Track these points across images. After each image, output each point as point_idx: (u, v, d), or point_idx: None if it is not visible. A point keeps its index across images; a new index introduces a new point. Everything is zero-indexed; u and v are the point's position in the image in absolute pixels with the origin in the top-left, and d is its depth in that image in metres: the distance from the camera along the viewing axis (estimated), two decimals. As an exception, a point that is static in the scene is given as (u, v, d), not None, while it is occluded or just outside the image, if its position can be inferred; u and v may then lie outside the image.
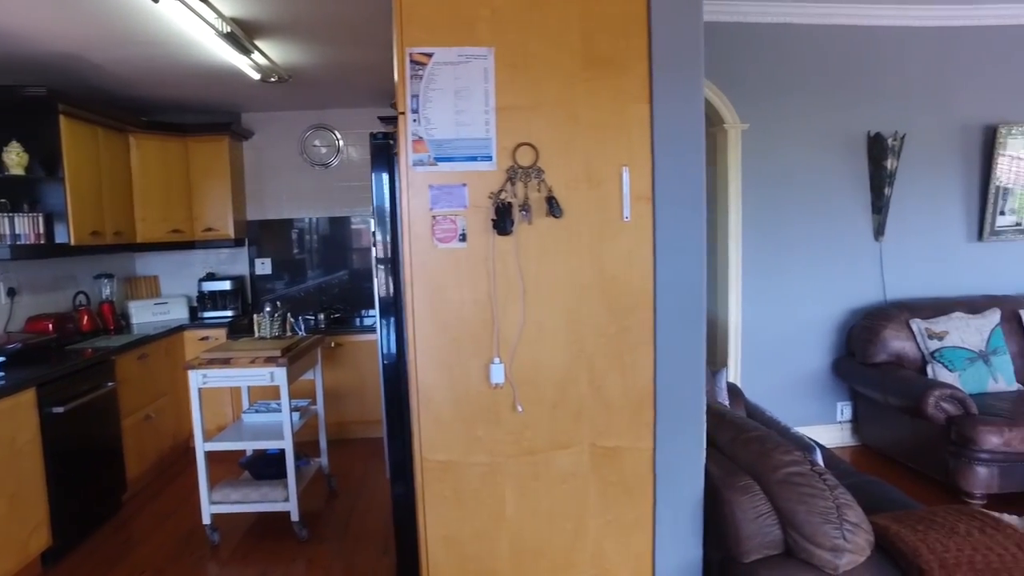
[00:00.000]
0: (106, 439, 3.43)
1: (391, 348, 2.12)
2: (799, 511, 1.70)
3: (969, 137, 4.03)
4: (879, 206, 3.96)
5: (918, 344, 3.71)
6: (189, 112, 4.74)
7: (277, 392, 3.12)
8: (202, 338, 4.45)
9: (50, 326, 3.58)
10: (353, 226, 5.07)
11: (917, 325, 3.72)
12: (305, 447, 3.89)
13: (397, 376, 2.10)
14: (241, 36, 3.07)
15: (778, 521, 1.75)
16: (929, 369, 3.63)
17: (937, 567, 1.63)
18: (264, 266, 5.03)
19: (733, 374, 3.92)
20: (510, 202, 1.74)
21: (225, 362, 3.08)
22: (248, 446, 3.31)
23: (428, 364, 1.81)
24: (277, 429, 3.21)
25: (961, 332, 3.65)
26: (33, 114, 3.45)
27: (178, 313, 4.72)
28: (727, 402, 2.92)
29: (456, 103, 1.71)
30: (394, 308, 2.09)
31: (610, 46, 1.75)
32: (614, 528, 1.89)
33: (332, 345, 4.51)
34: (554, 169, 1.76)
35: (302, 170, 4.98)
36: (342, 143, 4.97)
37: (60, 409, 2.97)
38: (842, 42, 3.87)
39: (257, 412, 3.55)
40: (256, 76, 3.69)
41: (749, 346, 3.95)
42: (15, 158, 3.34)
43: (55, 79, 3.70)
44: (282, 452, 3.19)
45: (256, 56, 3.39)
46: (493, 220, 1.74)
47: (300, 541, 3.12)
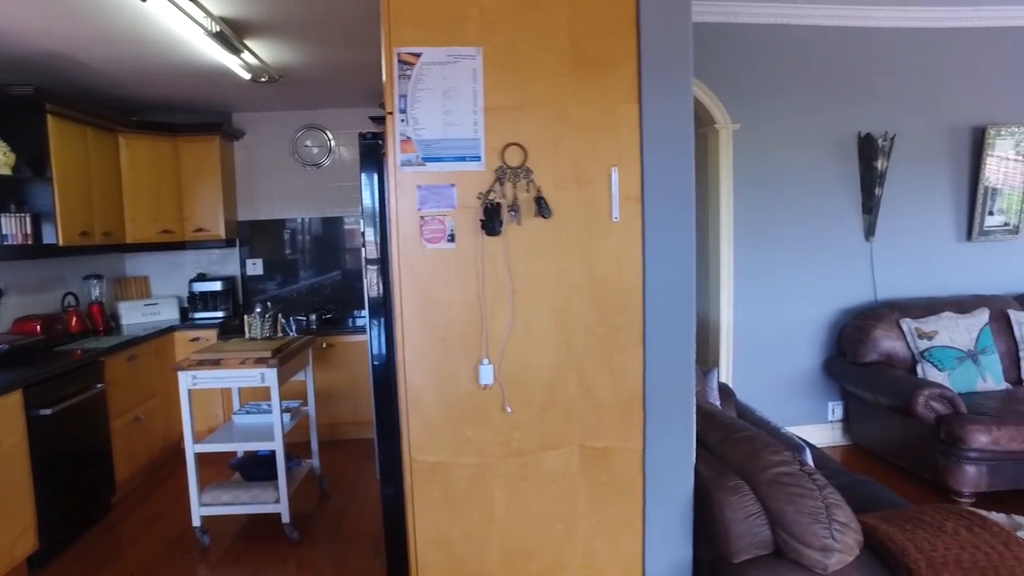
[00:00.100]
0: (95, 441, 3.40)
1: (381, 349, 2.11)
2: (788, 511, 1.70)
3: (958, 138, 4.05)
4: (869, 206, 3.98)
5: (908, 344, 3.73)
6: (179, 112, 4.71)
7: (268, 393, 3.11)
8: (193, 339, 4.43)
9: (38, 327, 3.55)
10: (345, 226, 5.06)
11: (907, 325, 3.74)
12: (296, 448, 3.87)
13: (387, 377, 2.09)
14: (231, 35, 3.05)
15: (767, 521, 1.75)
16: (919, 368, 3.65)
17: (925, 566, 1.64)
18: (255, 267, 5.01)
19: (725, 374, 3.93)
20: (499, 202, 1.74)
21: (215, 363, 3.07)
22: (239, 447, 3.29)
23: (417, 365, 1.80)
24: (268, 430, 3.19)
25: (950, 332, 3.68)
26: (20, 113, 3.42)
27: (168, 314, 4.69)
28: (718, 402, 2.92)
29: (444, 103, 1.71)
30: (384, 309, 2.08)
31: (599, 46, 1.74)
32: (604, 529, 1.89)
33: (324, 346, 4.50)
34: (543, 169, 1.75)
35: (294, 170, 4.96)
36: (334, 143, 4.95)
37: (48, 411, 2.94)
38: (833, 43, 3.88)
39: (248, 413, 3.53)
40: (246, 76, 3.67)
41: (740, 346, 3.96)
42: (1, 158, 3.31)
43: (43, 78, 3.67)
44: (273, 453, 3.17)
45: (246, 56, 3.38)
46: (482, 220, 1.73)
47: (291, 543, 3.11)
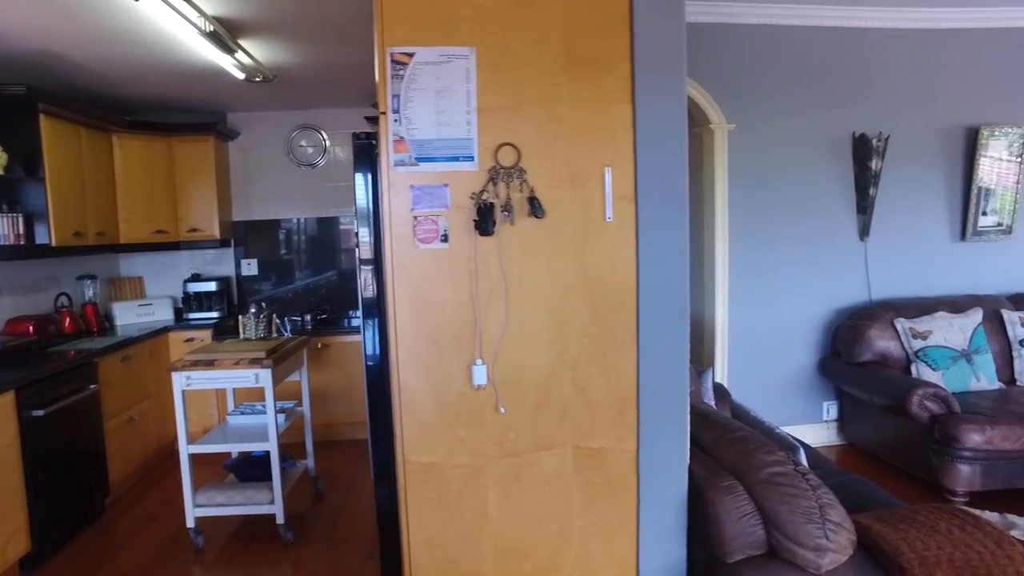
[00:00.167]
0: (88, 442, 3.39)
1: (375, 349, 2.11)
2: (782, 511, 1.71)
3: (952, 138, 4.06)
4: (864, 206, 3.98)
5: (902, 343, 3.74)
6: (173, 112, 4.70)
7: (262, 394, 3.10)
8: (187, 339, 4.41)
9: (31, 328, 3.53)
10: (341, 227, 5.04)
11: (901, 325, 3.75)
12: (291, 449, 3.87)
13: (381, 378, 2.08)
14: (224, 35, 3.04)
15: (761, 521, 1.75)
16: (913, 368, 3.66)
17: (918, 565, 1.64)
18: (250, 267, 4.99)
19: (720, 374, 3.93)
20: (492, 202, 1.73)
21: (209, 364, 3.06)
22: (233, 448, 3.28)
23: (410, 365, 1.80)
24: (262, 431, 3.18)
25: (944, 331, 3.69)
26: (12, 113, 3.40)
27: (163, 314, 4.67)
28: (713, 402, 2.92)
29: (437, 103, 1.70)
30: (378, 309, 2.08)
31: (592, 46, 1.74)
32: (598, 529, 1.89)
33: (319, 346, 4.49)
34: (536, 169, 1.75)
35: (288, 170, 4.94)
36: (329, 143, 4.94)
37: (40, 412, 2.92)
38: (827, 43, 3.89)
39: (242, 414, 3.52)
40: (240, 76, 3.66)
41: (736, 346, 3.96)
42: (-6, 158, 3.30)
43: (35, 77, 3.65)
44: (267, 454, 3.17)
45: (240, 55, 3.37)
46: (475, 221, 1.73)
47: (286, 544, 3.10)
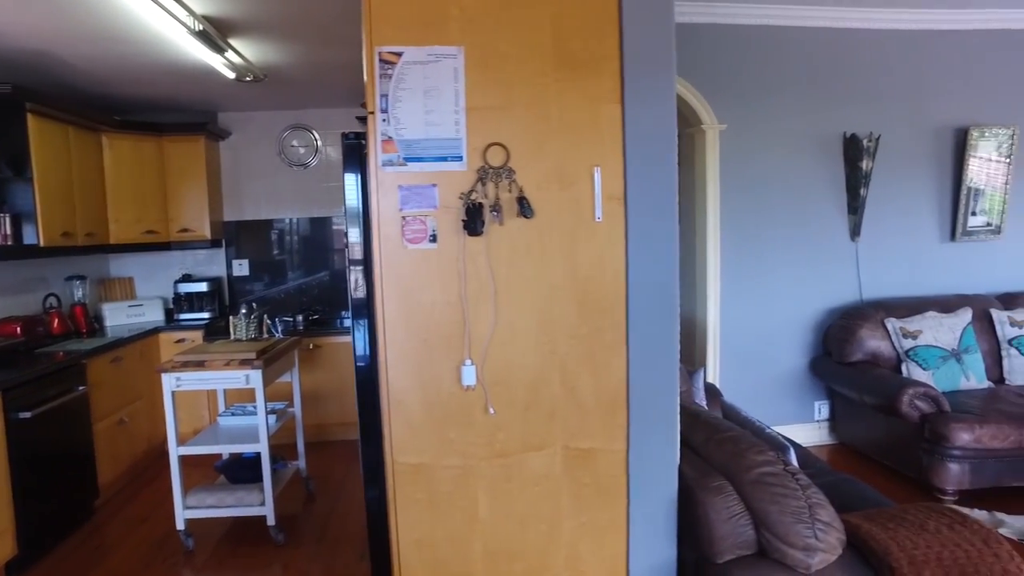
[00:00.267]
0: (77, 444, 3.36)
1: (365, 350, 2.10)
2: (772, 511, 1.71)
3: (941, 139, 4.08)
4: (855, 207, 4.00)
5: (893, 343, 3.75)
6: (164, 111, 4.67)
7: (253, 395, 3.08)
8: (178, 340, 4.39)
9: (18, 329, 3.50)
10: (333, 227, 5.03)
11: (892, 324, 3.77)
12: (283, 450, 3.85)
13: (371, 378, 2.07)
14: (214, 34, 3.03)
15: (751, 521, 1.75)
16: (904, 368, 3.67)
17: (906, 564, 1.65)
18: (242, 267, 4.97)
19: (712, 374, 3.94)
20: (481, 202, 1.73)
21: (199, 365, 3.04)
22: (223, 450, 3.26)
23: (399, 366, 1.79)
24: (253, 432, 3.17)
25: (934, 331, 3.71)
26: (-1, 112, 3.37)
27: (153, 315, 4.64)
28: (704, 402, 2.92)
29: (426, 103, 1.70)
30: (367, 310, 2.07)
31: (581, 46, 1.74)
32: (588, 530, 1.88)
33: (311, 347, 4.47)
34: (525, 169, 1.75)
35: (280, 170, 4.92)
36: (320, 143, 4.92)
37: (27, 414, 2.90)
38: (819, 44, 3.90)
39: (233, 415, 3.50)
40: (231, 75, 3.64)
41: (728, 346, 3.97)
42: (-19, 157, 3.27)
43: (23, 76, 3.62)
44: (258, 455, 3.15)
45: (230, 55, 3.35)
46: (464, 221, 1.73)
47: (277, 545, 3.08)
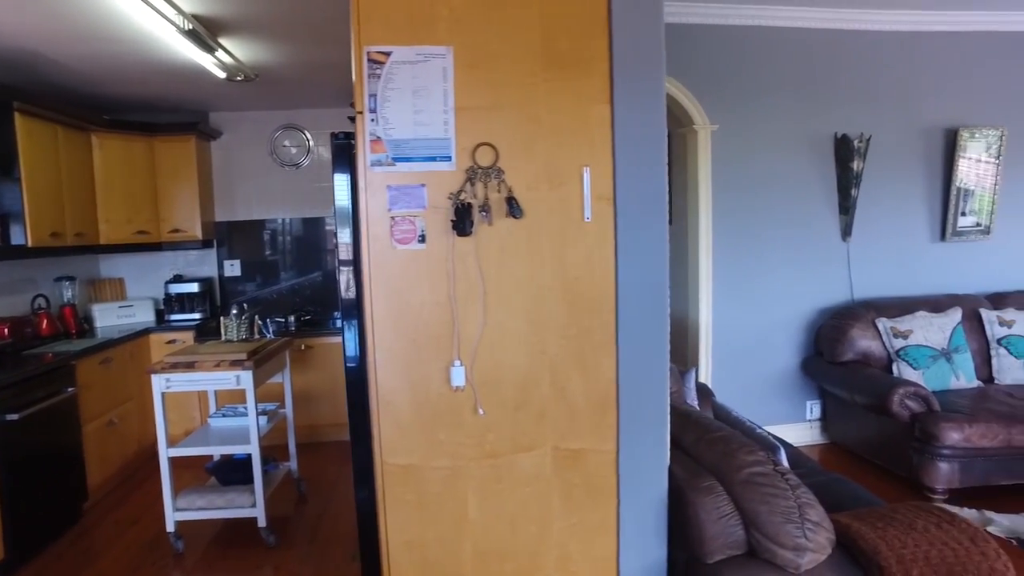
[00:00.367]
0: (66, 446, 3.33)
1: (356, 351, 2.09)
2: (761, 511, 1.71)
3: (931, 140, 4.11)
4: (846, 207, 4.02)
5: (884, 343, 3.77)
6: (155, 111, 4.64)
7: (244, 396, 3.07)
8: (169, 341, 4.36)
9: (6, 330, 3.47)
10: (326, 227, 5.01)
11: (883, 324, 3.78)
12: (274, 451, 3.83)
13: (361, 379, 2.06)
14: (204, 34, 3.01)
15: (741, 521, 1.75)
16: (894, 367, 3.69)
17: (895, 563, 1.65)
18: (233, 268, 4.94)
19: (704, 374, 3.95)
20: (470, 203, 1.72)
21: (189, 366, 3.02)
22: (214, 451, 3.25)
23: (388, 367, 1.79)
24: (244, 433, 3.15)
25: (925, 331, 3.72)
26: (-14, 111, 3.35)
27: (144, 316, 4.61)
28: (696, 402, 2.92)
29: (414, 102, 1.69)
30: (357, 311, 2.06)
31: (571, 47, 1.74)
32: (578, 531, 1.88)
33: (302, 347, 4.45)
34: (514, 169, 1.74)
35: (272, 170, 4.90)
36: (312, 143, 4.90)
37: (15, 416, 2.87)
38: (810, 45, 3.91)
39: (224, 416, 3.48)
40: (222, 75, 3.62)
41: (720, 346, 3.98)
42: (-32, 157, 3.24)
43: (9, 75, 3.59)
44: (249, 457, 3.13)
45: (221, 54, 3.33)
46: (452, 221, 1.72)
47: (268, 547, 3.07)
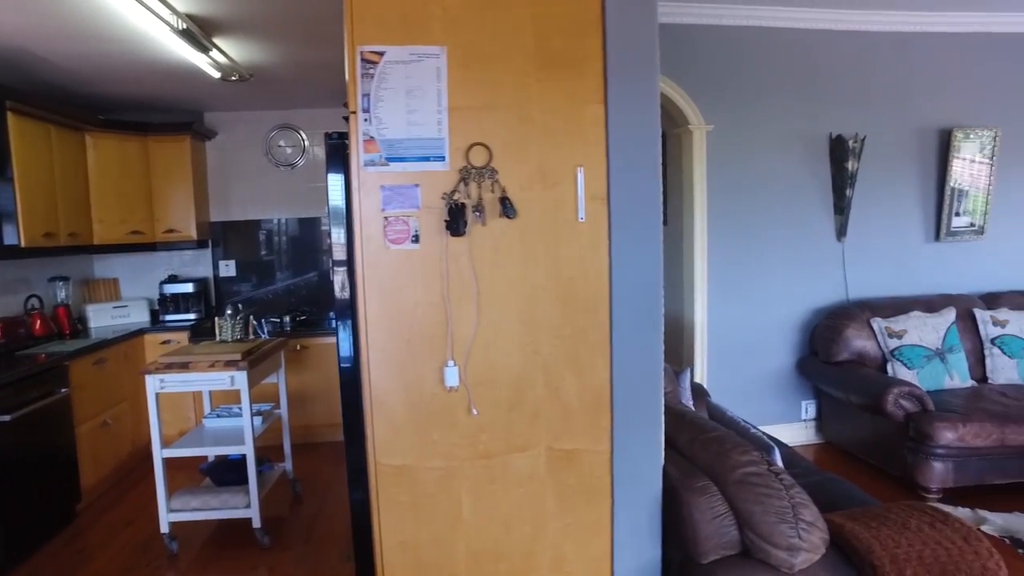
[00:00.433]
0: (59, 447, 3.32)
1: (349, 351, 2.08)
2: (755, 511, 1.71)
3: (925, 140, 4.12)
4: (841, 207, 4.02)
5: (879, 343, 3.78)
6: (149, 111, 4.62)
7: (239, 396, 3.06)
8: (163, 342, 4.35)
9: (-1, 331, 3.46)
10: (322, 227, 5.00)
11: (878, 324, 3.79)
12: (270, 452, 3.82)
13: (356, 379, 2.06)
14: (198, 33, 3.00)
15: (735, 521, 1.75)
16: (889, 367, 3.70)
17: (888, 562, 1.66)
18: (228, 268, 4.93)
19: (699, 374, 3.95)
20: (463, 203, 1.72)
21: (183, 366, 3.01)
22: (209, 452, 3.24)
23: (381, 367, 1.78)
24: (238, 434, 3.14)
25: (919, 331, 3.73)
26: (-22, 111, 3.33)
27: (139, 316, 4.60)
28: (691, 402, 2.92)
29: (408, 102, 1.69)
30: (351, 311, 2.05)
31: (564, 47, 1.74)
32: (572, 531, 1.88)
33: (298, 348, 4.44)
34: (508, 169, 1.74)
35: (267, 171, 4.89)
36: (308, 143, 4.89)
37: (7, 417, 2.86)
38: (805, 45, 3.92)
39: (219, 417, 3.47)
40: (216, 74, 3.61)
41: (715, 346, 3.98)
42: (-40, 157, 3.22)
43: (2, 74, 3.57)
44: (244, 457, 3.12)
45: (215, 54, 3.32)
46: (446, 221, 1.72)
47: (262, 548, 3.06)
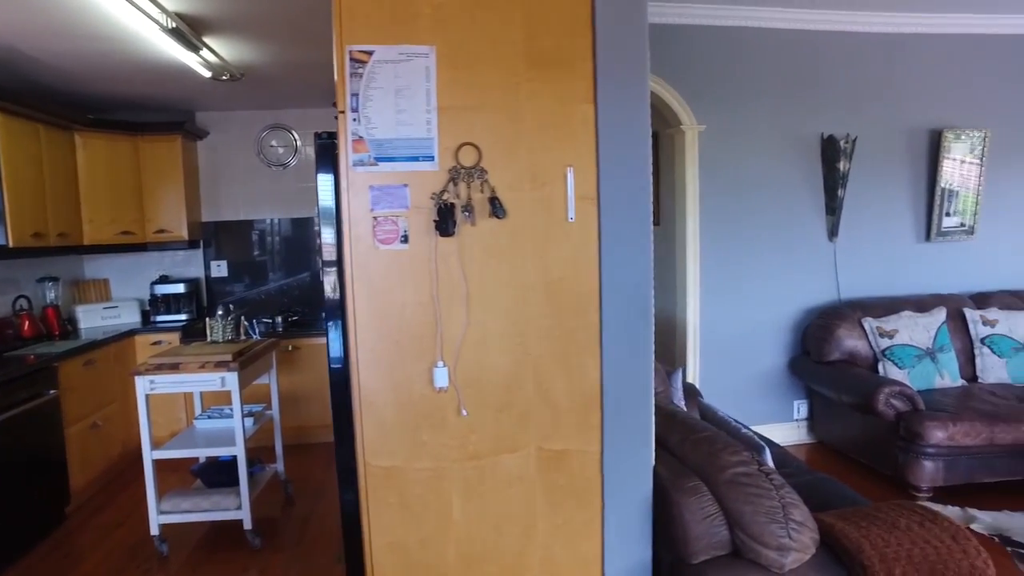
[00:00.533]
0: (47, 449, 3.29)
1: (339, 351, 2.07)
2: (746, 511, 1.71)
3: (916, 140, 4.14)
4: (832, 207, 4.04)
5: (870, 342, 3.79)
6: (140, 110, 4.59)
7: (230, 397, 3.04)
8: (154, 343, 4.32)
9: (-13, 332, 3.43)
10: (314, 227, 4.98)
11: (869, 324, 3.81)
12: (262, 453, 3.80)
13: (346, 380, 2.05)
14: (188, 32, 2.98)
15: (726, 522, 1.75)
16: (880, 367, 3.71)
17: (878, 561, 1.66)
18: (220, 268, 4.91)
19: (692, 374, 3.95)
20: (452, 203, 1.71)
21: (174, 367, 2.99)
22: (199, 453, 3.21)
23: (370, 368, 1.77)
24: (229, 435, 3.12)
25: (910, 330, 3.75)
26: (-35, 110, 3.30)
27: (129, 317, 4.57)
28: (683, 402, 2.93)
29: (397, 102, 1.68)
30: (341, 311, 2.04)
31: (554, 46, 1.73)
32: (563, 531, 1.87)
33: (290, 348, 4.42)
34: (498, 169, 1.74)
35: (259, 171, 4.87)
36: (299, 143, 4.87)
37: (-5, 419, 2.84)
38: (797, 46, 3.93)
39: (210, 418, 3.45)
40: (207, 74, 3.59)
41: (707, 346, 3.99)
42: (-53, 156, 3.19)
43: (-9, 73, 3.55)
44: (235, 459, 3.11)
45: (205, 53, 3.30)
46: (435, 221, 1.71)
47: (253, 550, 3.04)
